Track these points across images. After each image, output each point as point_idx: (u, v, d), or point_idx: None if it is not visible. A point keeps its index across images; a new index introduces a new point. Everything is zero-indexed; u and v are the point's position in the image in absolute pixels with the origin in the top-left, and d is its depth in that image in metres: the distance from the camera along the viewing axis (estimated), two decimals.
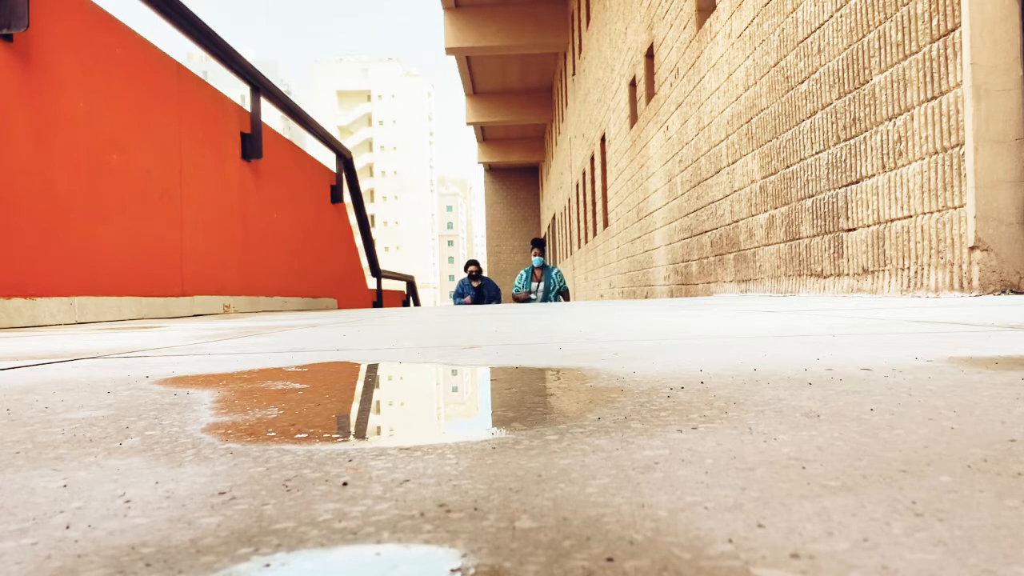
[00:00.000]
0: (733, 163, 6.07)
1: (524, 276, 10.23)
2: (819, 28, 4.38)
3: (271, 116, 8.08)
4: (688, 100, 7.47)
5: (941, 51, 3.18)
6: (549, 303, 8.99)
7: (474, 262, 10.69)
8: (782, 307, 3.21)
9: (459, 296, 10.59)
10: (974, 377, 0.96)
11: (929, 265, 3.33)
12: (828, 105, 4.28)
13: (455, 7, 19.01)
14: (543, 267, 10.17)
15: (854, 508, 0.46)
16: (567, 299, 10.01)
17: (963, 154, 3.06)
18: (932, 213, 3.29)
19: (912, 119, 3.41)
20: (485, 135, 30.59)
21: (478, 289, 10.61)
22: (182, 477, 0.59)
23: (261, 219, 6.59)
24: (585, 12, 16.12)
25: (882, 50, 3.66)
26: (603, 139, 14.45)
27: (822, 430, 0.68)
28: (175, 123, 5.16)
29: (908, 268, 3.49)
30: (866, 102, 3.84)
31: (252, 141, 6.31)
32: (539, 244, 10.40)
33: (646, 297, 9.81)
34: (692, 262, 7.50)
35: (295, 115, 7.40)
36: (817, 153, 4.45)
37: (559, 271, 10.19)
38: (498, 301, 10.56)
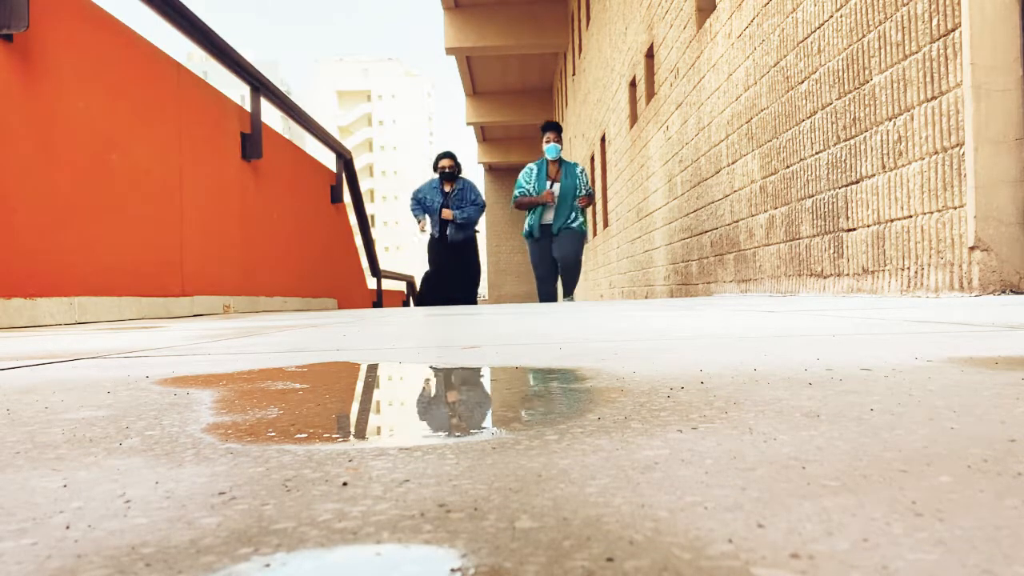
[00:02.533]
0: (733, 163, 6.07)
1: (533, 172, 7.22)
2: (819, 28, 4.38)
3: (271, 116, 8.06)
4: (688, 100, 7.47)
5: (941, 51, 3.18)
6: (564, 252, 7.06)
7: (450, 155, 7.60)
8: (782, 307, 3.21)
9: (419, 207, 7.68)
10: (974, 377, 0.96)
11: (929, 265, 3.33)
12: (828, 105, 4.28)
13: (455, 7, 19.00)
14: (559, 162, 7.16)
15: (854, 508, 0.46)
16: (590, 201, 7.24)
17: (963, 154, 3.06)
18: (932, 213, 3.29)
19: (912, 119, 3.41)
20: (485, 135, 30.58)
21: (448, 197, 7.52)
22: (182, 477, 0.59)
23: (261, 219, 6.59)
24: (585, 12, 16.12)
25: (882, 50, 3.66)
26: (603, 139, 14.45)
27: (822, 430, 0.68)
28: (175, 123, 5.16)
29: (908, 268, 3.49)
30: (866, 102, 3.84)
31: (252, 141, 6.30)
32: (555, 128, 7.25)
33: (646, 297, 9.81)
34: (692, 262, 7.50)
35: (295, 115, 7.40)
36: (817, 153, 4.45)
37: (583, 168, 7.36)
38: (472, 223, 7.74)
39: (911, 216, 3.45)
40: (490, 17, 19.07)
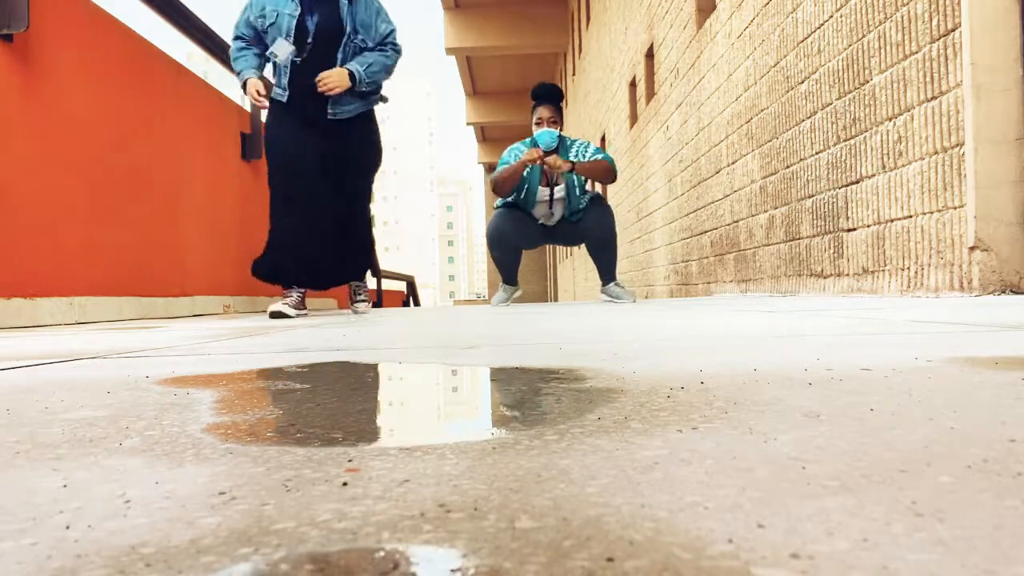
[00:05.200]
0: (733, 163, 6.07)
1: (521, 152, 4.82)
2: (819, 28, 4.38)
3: None
4: (688, 100, 7.47)
5: (941, 51, 3.18)
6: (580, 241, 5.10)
7: None
8: (782, 307, 3.21)
9: (246, 47, 4.06)
10: (974, 377, 0.96)
11: (929, 265, 3.33)
12: (828, 105, 4.28)
13: (455, 7, 19.00)
14: (559, 146, 4.83)
15: (854, 508, 0.46)
16: (604, 178, 4.89)
17: (963, 154, 3.05)
18: (932, 213, 3.29)
19: (912, 119, 3.41)
20: (485, 135, 30.57)
21: (320, 14, 3.84)
22: (182, 477, 0.59)
23: (261, 219, 6.58)
24: (585, 12, 16.12)
25: (882, 50, 3.66)
26: (603, 139, 14.45)
27: (822, 430, 0.68)
28: (175, 123, 5.16)
29: (908, 268, 3.49)
30: (866, 102, 3.84)
31: (252, 141, 6.30)
32: (551, 96, 4.92)
33: (646, 297, 9.81)
34: (692, 262, 7.50)
35: None
36: (817, 153, 4.45)
37: (590, 145, 5.04)
38: (376, 87, 4.06)
39: (911, 216, 3.45)
40: (490, 17, 19.06)
